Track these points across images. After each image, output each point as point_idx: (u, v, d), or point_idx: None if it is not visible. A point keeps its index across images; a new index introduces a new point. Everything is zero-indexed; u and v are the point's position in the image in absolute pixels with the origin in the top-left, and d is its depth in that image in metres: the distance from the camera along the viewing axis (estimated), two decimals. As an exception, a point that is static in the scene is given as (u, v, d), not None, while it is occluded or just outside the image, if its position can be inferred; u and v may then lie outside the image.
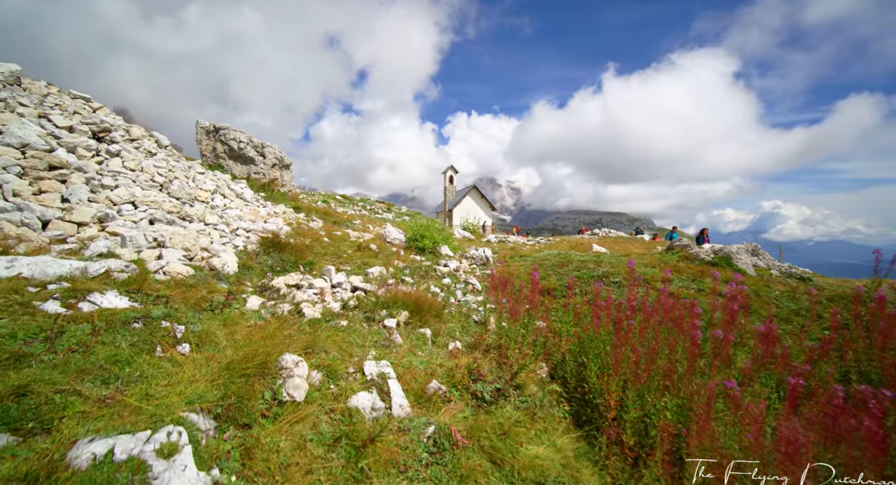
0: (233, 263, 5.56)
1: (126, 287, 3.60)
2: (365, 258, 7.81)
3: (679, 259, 7.72)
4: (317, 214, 12.91)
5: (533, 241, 15.85)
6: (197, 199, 7.49)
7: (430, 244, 9.48)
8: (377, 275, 6.89)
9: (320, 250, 7.66)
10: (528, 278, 8.16)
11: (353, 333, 4.64)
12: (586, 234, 23.73)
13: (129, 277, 3.91)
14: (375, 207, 20.93)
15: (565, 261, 8.35)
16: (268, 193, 12.92)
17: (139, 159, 7.18)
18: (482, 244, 13.92)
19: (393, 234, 9.86)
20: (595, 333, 4.33)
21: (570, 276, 7.26)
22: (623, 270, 7.35)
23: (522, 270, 8.50)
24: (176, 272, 4.50)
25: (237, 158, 14.94)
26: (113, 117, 8.12)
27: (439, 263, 8.76)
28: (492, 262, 9.27)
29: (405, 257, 8.59)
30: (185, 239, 5.08)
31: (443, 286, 7.43)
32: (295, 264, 6.65)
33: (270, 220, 8.67)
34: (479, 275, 8.44)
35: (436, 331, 5.52)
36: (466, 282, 7.84)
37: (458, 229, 18.11)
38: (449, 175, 58.09)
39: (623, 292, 6.68)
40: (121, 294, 3.39)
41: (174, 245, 4.96)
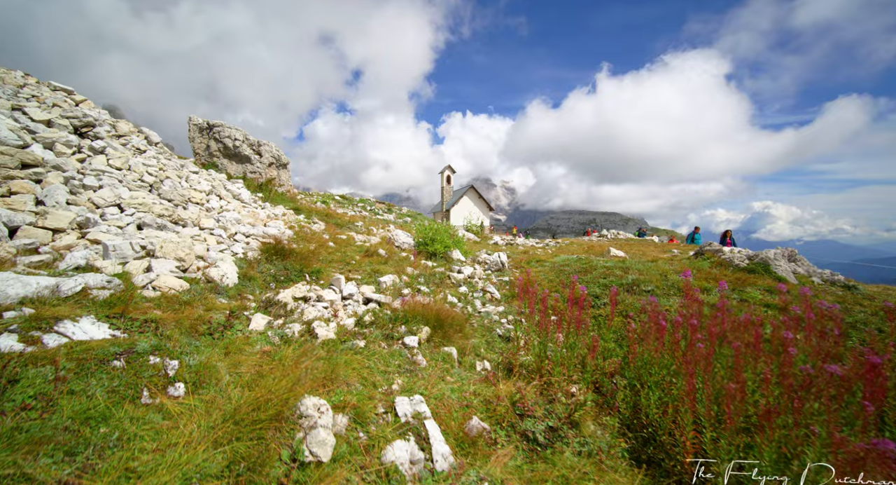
0: (232, 273, 4.94)
1: (107, 310, 2.98)
2: (374, 265, 7.20)
3: (712, 265, 7.21)
4: (317, 215, 12.27)
5: (541, 243, 15.30)
6: (191, 200, 6.84)
7: (442, 249, 8.89)
8: (390, 284, 6.30)
9: (326, 257, 7.05)
10: (553, 286, 7.61)
11: (372, 355, 4.04)
12: (593, 235, 22.97)
13: (111, 295, 3.29)
14: (375, 208, 20.28)
15: (588, 267, 7.81)
16: (265, 194, 12.25)
17: (126, 157, 6.52)
18: (491, 247, 13.36)
19: (401, 238, 9.26)
20: (655, 354, 3.77)
21: (609, 287, 6.71)
22: (655, 277, 6.82)
23: (542, 276, 7.94)
24: (168, 287, 3.88)
25: (232, 157, 14.26)
26: (98, 111, 7.44)
27: (452, 270, 8.18)
28: (507, 267, 8.71)
29: (416, 263, 8.00)
30: (179, 247, 4.45)
31: (460, 296, 6.85)
32: (300, 273, 6.04)
33: (271, 223, 8.03)
34: (496, 282, 7.87)
35: (460, 348, 4.94)
36: (484, 290, 7.27)
37: (462, 231, 17.53)
38: (446, 175, 57.48)
39: (657, 303, 6.14)
40: (99, 320, 2.77)
41: (165, 254, 4.33)
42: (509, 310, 6.69)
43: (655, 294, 6.39)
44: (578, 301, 4.46)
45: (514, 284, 7.63)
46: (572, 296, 4.52)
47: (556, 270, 8.30)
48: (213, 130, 14.19)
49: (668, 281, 6.68)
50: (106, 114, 7.66)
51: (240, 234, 6.47)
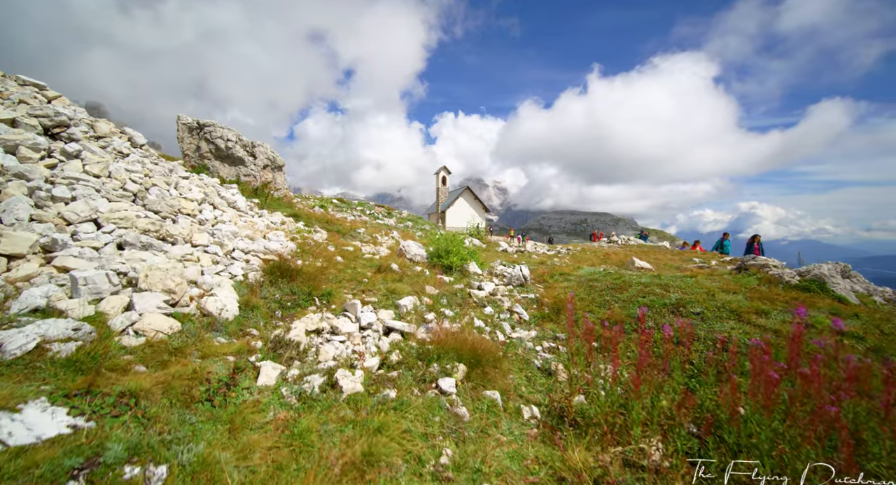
0: (232, 302, 4.15)
1: (69, 379, 2.20)
2: (389, 283, 6.44)
3: (760, 282, 6.59)
4: (318, 222, 11.44)
5: (552, 250, 14.62)
6: (181, 211, 6.00)
7: (458, 262, 8.15)
8: (411, 308, 5.54)
9: (336, 275, 6.26)
10: (586, 305, 6.91)
11: (408, 410, 3.30)
12: (602, 241, 21.92)
13: (78, 350, 2.50)
14: (375, 212, 19.45)
15: (622, 283, 7.12)
16: (262, 200, 11.39)
17: (106, 162, 5.67)
18: (501, 255, 12.64)
19: (413, 250, 8.49)
20: (763, 410, 3.07)
21: (652, 307, 6.03)
22: (700, 296, 6.15)
23: (568, 290, 7.23)
24: (154, 330, 3.09)
25: (225, 159, 13.35)
26: (73, 109, 6.56)
27: (472, 286, 7.45)
28: (529, 281, 8.00)
29: (432, 278, 7.25)
30: (168, 275, 3.64)
31: (486, 318, 6.12)
32: (309, 296, 5.25)
33: (271, 234, 7.21)
34: (520, 299, 7.15)
35: (502, 389, 4.22)
36: (511, 310, 6.55)
37: (468, 237, 16.80)
38: (441, 176, 56.73)
39: (710, 328, 5.47)
40: (54, 402, 1.99)
41: (151, 285, 3.52)
42: (542, 334, 5.98)
43: (706, 317, 5.72)
44: (644, 336, 3.76)
45: (542, 302, 6.93)
46: (621, 327, 3.81)
47: (584, 285, 7.61)
48: (204, 130, 13.26)
49: (717, 301, 6.03)
50: (83, 112, 6.78)
51: (238, 250, 5.66)
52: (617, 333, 4.47)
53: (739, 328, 5.32)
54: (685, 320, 5.79)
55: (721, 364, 4.91)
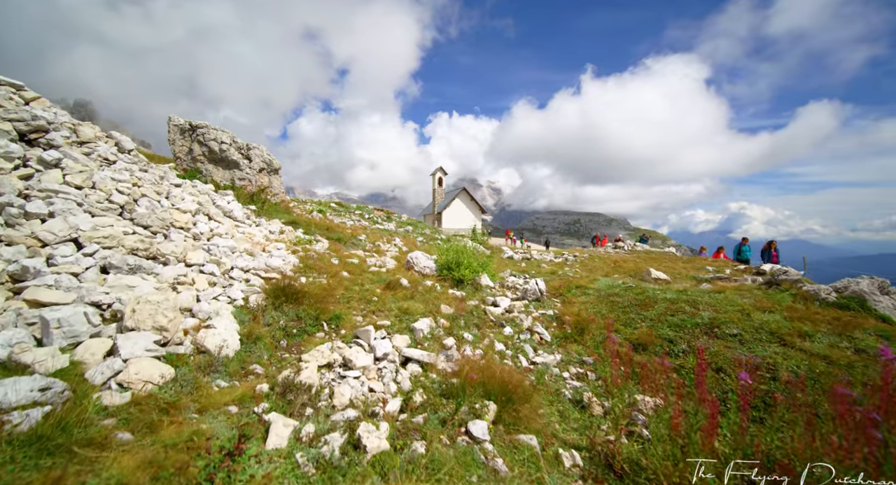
0: (232, 334, 3.65)
1: (25, 477, 1.70)
2: (400, 301, 5.96)
3: (794, 299, 6.21)
4: (318, 229, 10.91)
5: (559, 257, 14.18)
6: (173, 225, 5.48)
7: (470, 275, 7.69)
8: (427, 332, 5.07)
9: (343, 294, 5.77)
10: (611, 323, 6.47)
11: (440, 469, 2.83)
12: (607, 245, 20.99)
13: (44, 419, 2.02)
14: (374, 216, 18.92)
15: (646, 299, 6.71)
16: (258, 206, 10.85)
17: (90, 171, 5.13)
18: (508, 262, 12.20)
19: (422, 261, 8.01)
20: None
21: (684, 327, 5.61)
22: (735, 316, 5.75)
23: (592, 309, 6.81)
24: (142, 380, 2.59)
25: (218, 162, 12.77)
26: (54, 112, 5.99)
27: (486, 301, 6.99)
28: (545, 295, 7.55)
29: (444, 294, 6.78)
30: (159, 309, 3.14)
31: (506, 340, 5.67)
32: (316, 321, 4.76)
33: (271, 247, 6.70)
34: (538, 316, 6.71)
35: (536, 430, 3.76)
36: (531, 330, 6.09)
37: (467, 241, 16.35)
38: (438, 177, 56.24)
39: (751, 352, 5.07)
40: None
41: (140, 322, 3.02)
42: (567, 358, 5.54)
43: (744, 339, 5.32)
44: (700, 367, 3.33)
45: (563, 320, 6.49)
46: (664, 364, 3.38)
47: (604, 300, 7.19)
48: (197, 132, 12.67)
49: (753, 321, 5.63)
50: (65, 115, 6.21)
51: (237, 269, 5.15)
52: (659, 364, 4.03)
53: (783, 353, 4.91)
54: (721, 343, 5.40)
55: (770, 396, 4.52)
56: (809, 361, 4.67)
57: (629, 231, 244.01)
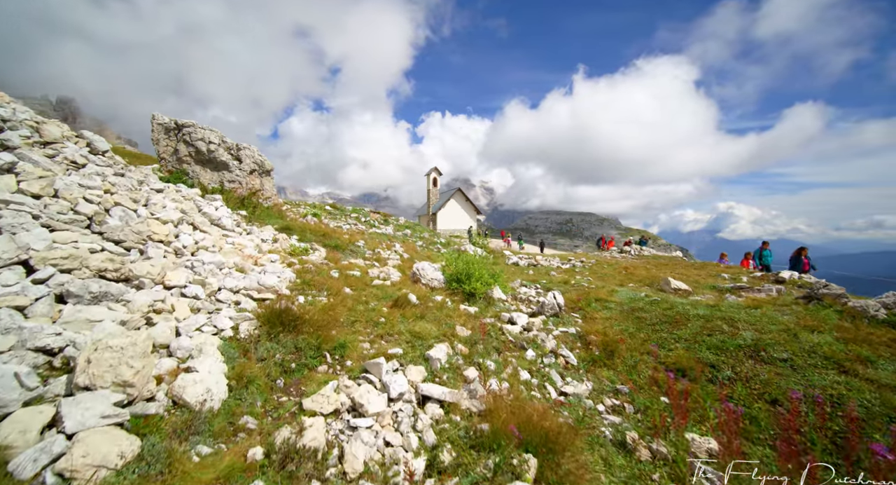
0: (218, 379, 2.99)
1: None
2: (410, 321, 5.32)
3: (841, 317, 5.71)
4: (313, 235, 10.21)
5: (566, 263, 13.61)
6: (151, 238, 4.77)
7: (482, 289, 7.07)
8: (444, 361, 4.44)
9: (347, 316, 5.11)
10: (640, 344, 5.90)
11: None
12: (613, 250, 20.17)
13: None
14: (371, 219, 18.19)
15: (675, 315, 6.15)
16: (249, 211, 10.12)
17: (51, 176, 4.41)
18: (519, 272, 11.60)
19: (429, 273, 7.38)
20: None
21: (725, 350, 5.04)
22: (781, 336, 5.20)
23: (616, 326, 6.23)
24: (93, 465, 1.94)
25: (206, 163, 12.01)
26: (13, 109, 5.23)
27: (502, 318, 6.37)
28: (564, 310, 6.96)
29: (455, 311, 6.16)
30: (123, 358, 2.47)
31: (530, 366, 5.06)
32: (318, 351, 4.10)
33: (264, 259, 6.02)
34: (558, 335, 6.11)
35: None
36: (556, 353, 5.50)
37: (468, 245, 15.76)
38: (433, 177, 55.55)
39: (807, 381, 4.52)
40: None
41: (97, 377, 2.35)
42: (599, 386, 4.95)
43: (795, 365, 4.77)
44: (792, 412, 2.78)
45: (588, 341, 5.90)
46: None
47: (628, 316, 6.62)
48: (183, 131, 11.88)
49: (802, 342, 5.09)
50: (27, 112, 5.46)
51: (225, 290, 4.47)
52: (717, 402, 3.44)
53: (846, 383, 4.37)
54: (771, 370, 4.86)
55: (841, 436, 3.97)
56: (880, 393, 4.13)
57: (620, 231, 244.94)
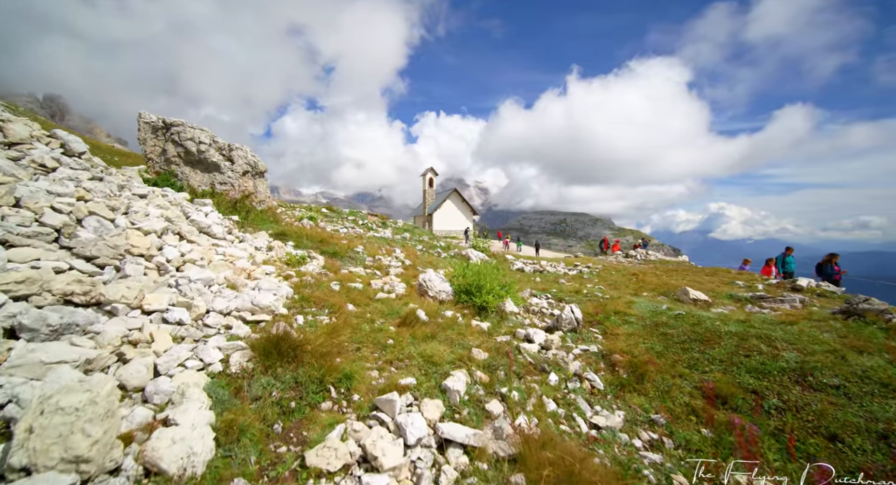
0: (203, 434, 2.46)
1: None
2: (421, 343, 4.82)
3: (886, 335, 5.29)
4: (310, 241, 9.65)
5: (572, 269, 13.14)
6: (130, 252, 4.22)
7: (494, 301, 6.57)
8: (463, 392, 3.94)
9: (350, 337, 4.58)
10: (671, 364, 5.44)
11: None
12: (617, 253, 19.57)
13: None
14: (368, 222, 17.61)
15: (705, 332, 5.69)
16: (242, 216, 9.54)
17: (12, 183, 3.85)
18: (526, 279, 11.11)
19: (436, 285, 6.87)
20: None
21: (769, 374, 4.58)
22: (827, 358, 4.76)
23: (643, 344, 5.77)
24: None
25: (196, 164, 11.40)
26: (-26, 104, 4.66)
27: (518, 335, 5.88)
28: (582, 325, 6.48)
29: (467, 328, 5.66)
30: (78, 422, 1.94)
31: (554, 392, 4.57)
32: (321, 385, 3.58)
33: (259, 273, 5.47)
34: (580, 353, 5.64)
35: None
36: (580, 376, 5.01)
37: (470, 250, 15.27)
38: (428, 178, 55.01)
39: (867, 412, 4.07)
40: None
41: (40, 453, 1.81)
42: (632, 416, 4.46)
43: (849, 393, 4.32)
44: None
45: (613, 361, 5.43)
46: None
47: (652, 331, 6.16)
48: (171, 131, 11.26)
49: (852, 365, 4.65)
50: (-10, 109, 4.87)
51: (214, 313, 3.92)
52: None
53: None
54: (823, 398, 4.41)
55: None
56: (953, 429, 3.70)
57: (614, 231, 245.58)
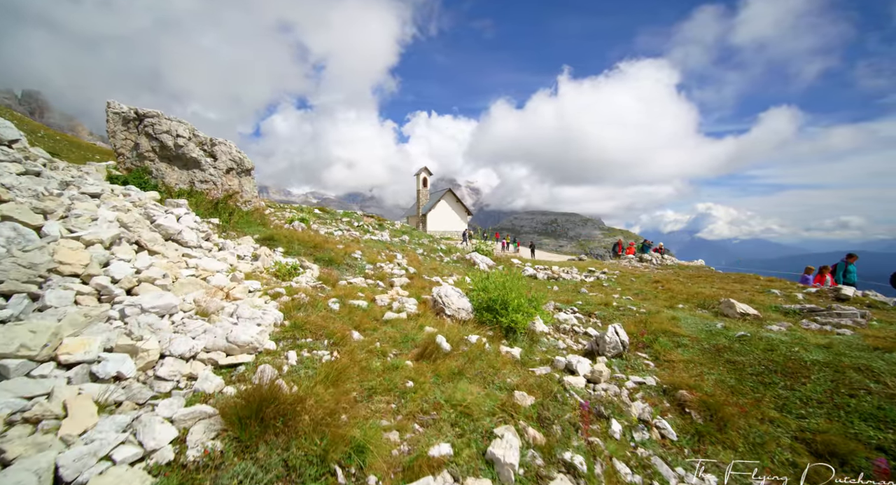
0: None
1: None
2: (446, 382, 3.76)
3: None
4: (302, 247, 8.52)
5: (585, 274, 12.15)
6: (59, 271, 3.09)
7: (524, 321, 5.53)
8: (517, 465, 2.89)
9: (360, 382, 3.50)
10: (754, 404, 4.43)
11: None
12: (629, 257, 18.46)
13: None
14: (364, 224, 16.45)
15: (786, 361, 4.71)
16: (224, 218, 8.37)
17: None
18: (543, 288, 10.09)
19: (454, 301, 5.80)
20: None
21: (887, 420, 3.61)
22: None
23: (711, 376, 4.77)
24: None
25: (174, 160, 10.18)
26: None
27: (556, 364, 4.84)
28: (628, 348, 5.47)
29: (497, 357, 4.62)
30: None
31: (623, 451, 3.54)
32: (323, 466, 2.50)
33: (239, 291, 4.36)
34: (633, 387, 4.63)
35: None
36: (647, 423, 3.99)
37: (474, 253, 14.23)
38: (422, 177, 53.85)
39: None
40: None
41: None
42: (722, 478, 3.47)
43: None
44: None
45: (680, 398, 4.43)
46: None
47: (714, 357, 5.18)
48: (145, 123, 10.03)
49: None
50: None
51: (172, 358, 2.81)
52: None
53: None
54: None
55: None
56: None
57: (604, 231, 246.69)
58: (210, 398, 2.65)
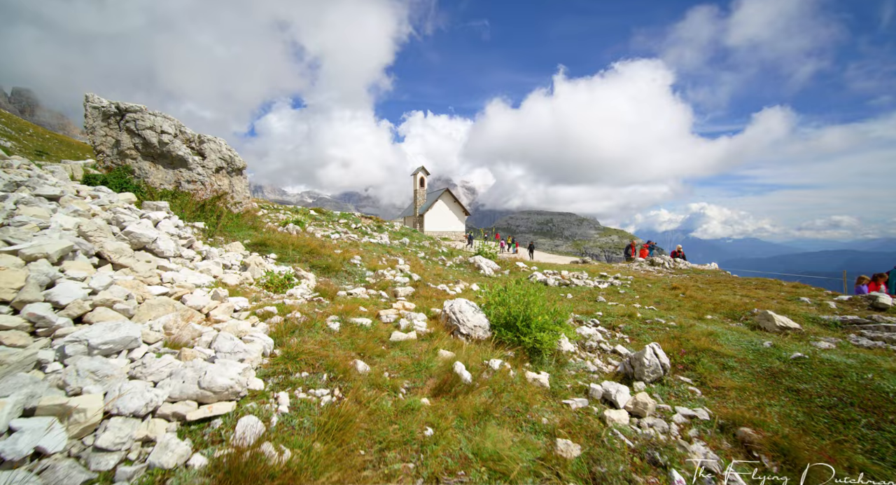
0: None
1: None
2: (474, 430, 3.08)
3: None
4: (297, 252, 7.80)
5: (602, 282, 11.49)
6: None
7: (550, 340, 4.85)
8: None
9: (368, 433, 2.81)
10: (836, 449, 3.77)
11: None
12: (643, 261, 17.65)
13: None
14: (363, 226, 15.73)
15: (861, 392, 4.07)
16: (211, 221, 7.64)
17: None
18: (558, 297, 9.42)
19: (469, 318, 5.12)
20: None
21: None
22: None
23: (772, 408, 4.12)
24: None
25: (158, 159, 9.44)
26: None
27: (593, 395, 4.18)
28: (669, 372, 4.82)
29: (524, 387, 3.95)
30: None
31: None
32: None
33: (222, 312, 3.65)
34: (684, 423, 3.97)
35: None
36: (715, 475, 3.33)
37: (479, 257, 13.55)
38: (420, 177, 53.09)
39: None
40: None
41: None
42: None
43: None
44: None
45: (741, 437, 3.78)
46: None
47: (771, 383, 4.53)
48: (127, 118, 9.27)
49: None
50: None
51: (119, 418, 2.10)
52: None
53: None
54: None
55: None
56: None
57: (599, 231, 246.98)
58: (169, 478, 1.95)
